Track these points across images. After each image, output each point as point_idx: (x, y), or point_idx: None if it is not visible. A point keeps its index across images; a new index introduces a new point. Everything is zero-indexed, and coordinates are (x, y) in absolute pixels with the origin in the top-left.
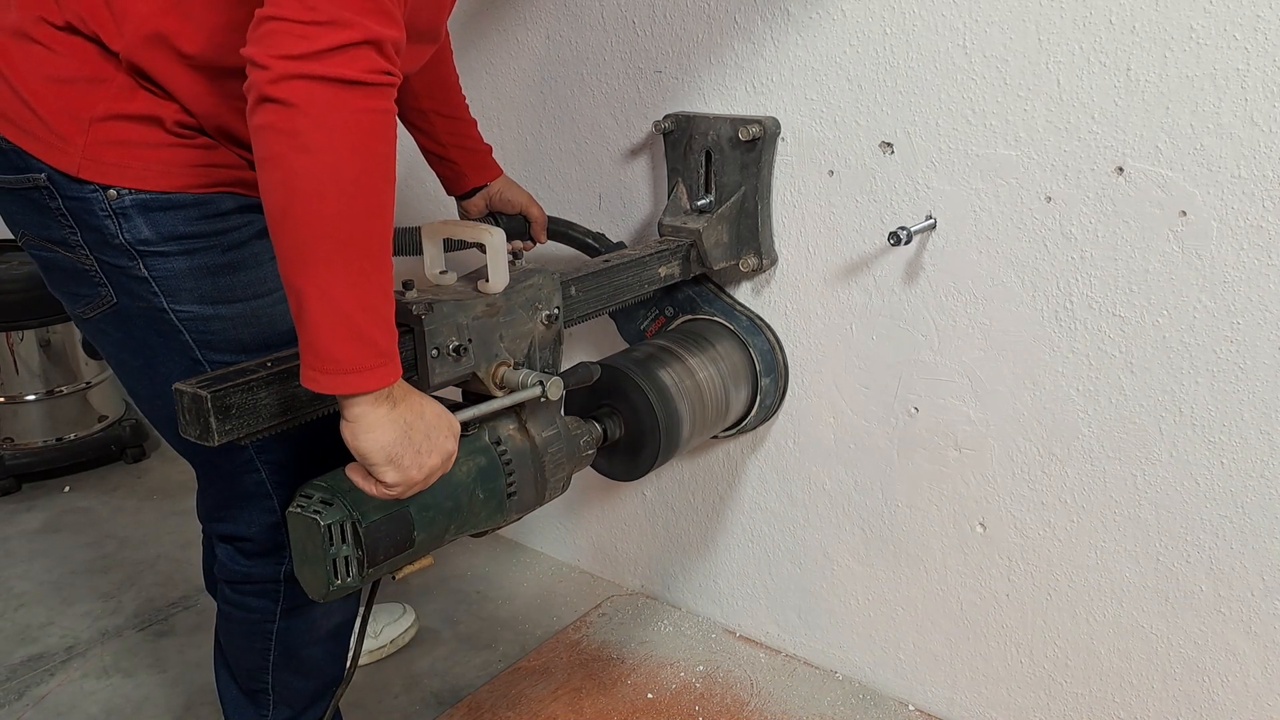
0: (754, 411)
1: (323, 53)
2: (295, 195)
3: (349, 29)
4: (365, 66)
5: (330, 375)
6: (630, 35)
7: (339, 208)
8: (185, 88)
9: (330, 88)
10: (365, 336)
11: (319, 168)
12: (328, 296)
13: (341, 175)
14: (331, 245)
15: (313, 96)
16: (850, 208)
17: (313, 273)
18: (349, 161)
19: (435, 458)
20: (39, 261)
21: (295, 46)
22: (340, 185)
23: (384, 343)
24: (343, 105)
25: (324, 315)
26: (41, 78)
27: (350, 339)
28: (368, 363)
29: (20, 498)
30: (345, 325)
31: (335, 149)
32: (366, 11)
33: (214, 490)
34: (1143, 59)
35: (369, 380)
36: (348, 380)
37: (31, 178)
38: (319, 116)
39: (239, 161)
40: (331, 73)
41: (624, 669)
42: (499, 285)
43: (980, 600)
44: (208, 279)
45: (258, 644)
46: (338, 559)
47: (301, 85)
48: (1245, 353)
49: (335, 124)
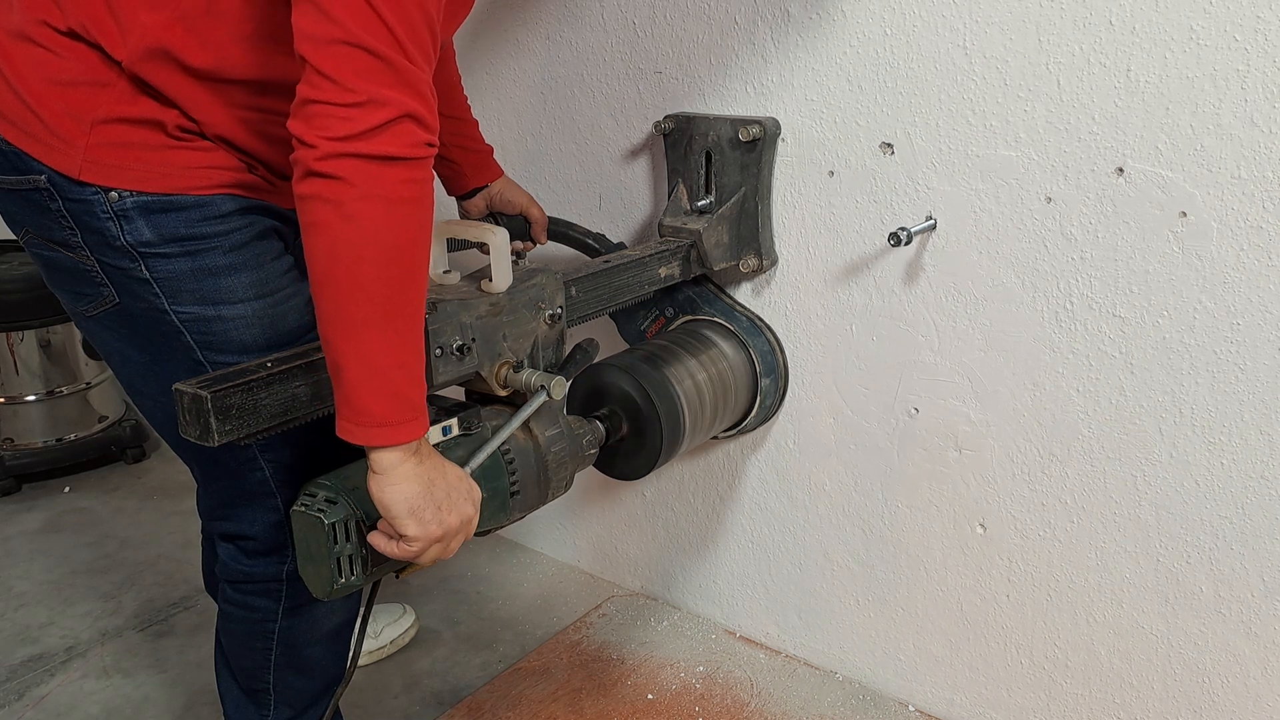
0: (754, 412)
1: (366, 133)
2: (339, 261)
3: (387, 107)
4: (407, 141)
5: (364, 428)
6: (630, 36)
7: (379, 273)
8: (188, 97)
9: (376, 164)
10: (399, 393)
11: (361, 236)
12: (365, 355)
13: (382, 243)
14: (371, 308)
15: (361, 172)
16: (850, 208)
17: (352, 333)
18: (389, 230)
19: (454, 518)
20: (40, 261)
21: (339, 129)
22: (381, 252)
23: (415, 398)
24: (385, 178)
25: (362, 373)
26: (43, 80)
27: (386, 395)
28: (400, 416)
29: (20, 498)
30: (381, 382)
31: (377, 219)
32: (401, 86)
33: (217, 488)
34: (1143, 60)
35: (400, 433)
36: (381, 433)
37: (32, 179)
38: (364, 189)
39: (239, 164)
40: (375, 151)
41: (624, 670)
42: (502, 285)
43: (980, 601)
44: (209, 280)
45: (259, 644)
46: (341, 557)
47: (348, 163)
48: (1245, 353)
49: (378, 195)
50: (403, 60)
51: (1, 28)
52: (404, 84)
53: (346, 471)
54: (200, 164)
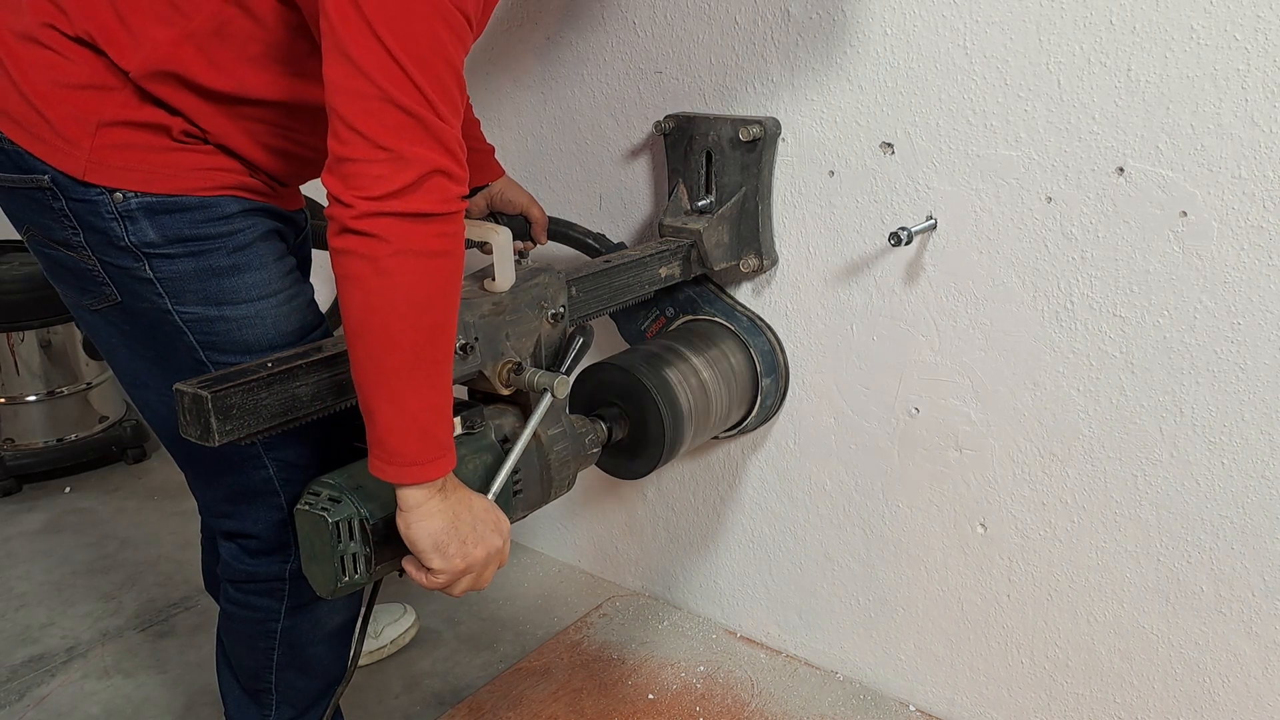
0: (755, 412)
1: (399, 191)
2: (374, 312)
3: (418, 164)
4: (439, 197)
5: (395, 466)
6: (630, 35)
7: (412, 324)
8: (195, 110)
9: (408, 221)
10: (429, 434)
11: (395, 290)
12: (398, 401)
13: (416, 296)
14: (403, 357)
15: (392, 229)
16: (851, 208)
17: (385, 381)
18: (423, 284)
19: (480, 550)
20: (43, 259)
21: (375, 188)
22: (414, 305)
23: (444, 436)
24: (419, 234)
25: (394, 417)
26: (50, 82)
27: (415, 436)
28: (428, 455)
29: (21, 498)
30: (412, 425)
31: (411, 273)
32: (431, 143)
33: (220, 485)
34: (1143, 59)
35: (429, 471)
36: (410, 471)
37: (35, 179)
38: (399, 245)
39: (242, 167)
40: (409, 209)
41: (625, 669)
42: (505, 284)
43: (981, 600)
44: (212, 281)
45: (261, 643)
46: (345, 555)
47: (383, 221)
48: (1246, 353)
49: (411, 250)
50: (432, 116)
51: (9, 29)
52: (434, 140)
53: (350, 470)
54: (204, 166)
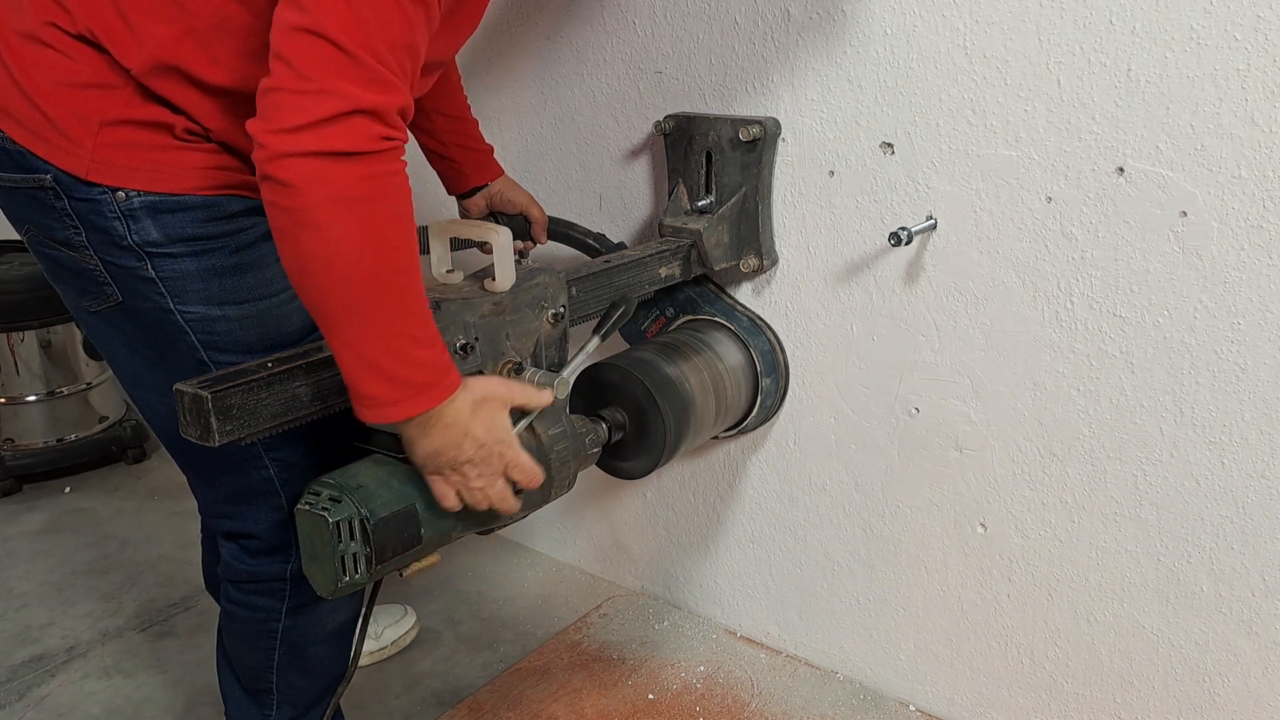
0: (755, 412)
1: (316, 124)
2: (307, 266)
3: (340, 99)
4: (361, 135)
5: (371, 409)
6: (630, 35)
7: (347, 274)
8: (197, 106)
9: (324, 162)
10: (394, 377)
11: (324, 242)
12: (352, 349)
13: (345, 247)
14: (344, 306)
15: (309, 174)
16: (851, 208)
17: (334, 330)
18: (354, 233)
19: (480, 480)
20: (43, 259)
21: (290, 119)
22: (347, 256)
23: (415, 376)
24: (339, 178)
25: (352, 365)
26: (51, 81)
27: (380, 381)
28: (399, 396)
29: (21, 498)
30: (373, 371)
31: (339, 223)
32: (363, 82)
33: (220, 486)
34: (1143, 59)
35: (404, 409)
36: (387, 412)
37: (37, 178)
38: (318, 194)
39: (243, 165)
40: (325, 146)
41: (625, 669)
42: (505, 284)
43: (981, 600)
44: (215, 280)
45: (262, 643)
46: (346, 555)
47: (297, 164)
48: (1246, 353)
49: (334, 197)
50: (368, 57)
51: (10, 28)
52: (366, 80)
53: (351, 470)
54: (207, 165)
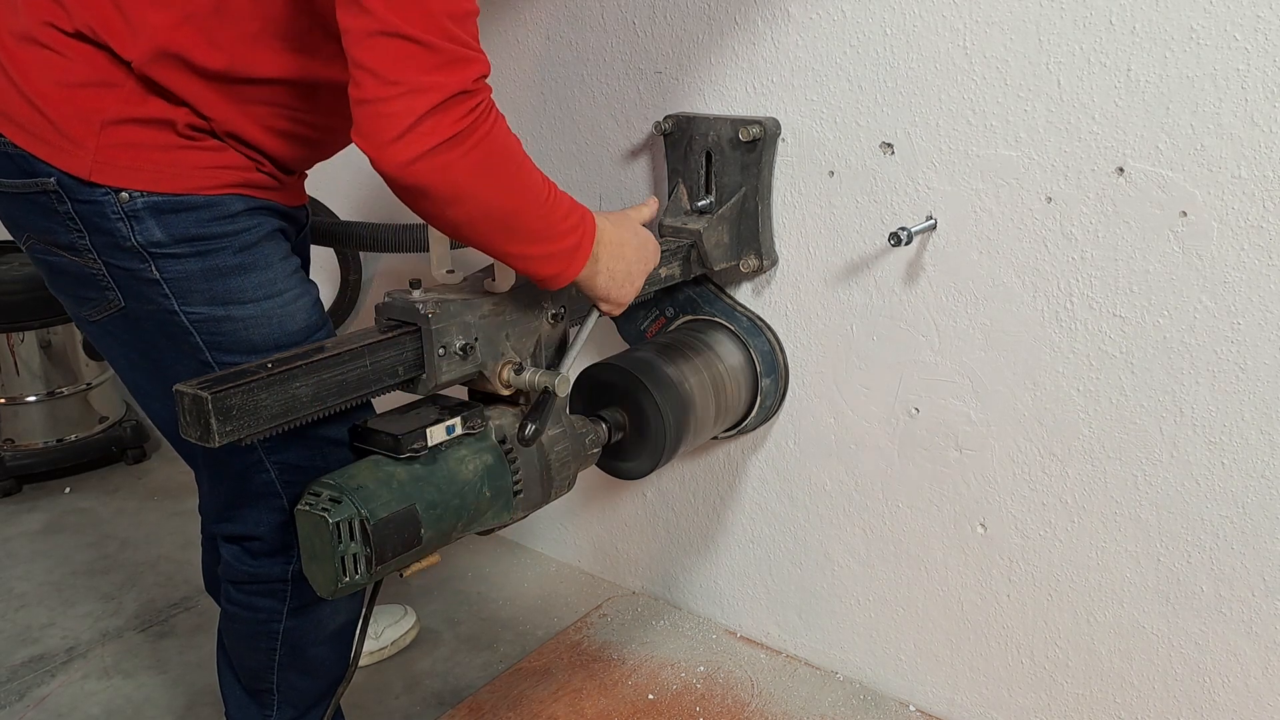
0: (754, 412)
1: (416, 125)
2: (461, 227)
3: (431, 93)
4: (457, 116)
5: (555, 282)
6: (630, 35)
7: (494, 217)
8: (197, 95)
9: (437, 155)
10: (556, 254)
11: (471, 206)
12: (522, 257)
13: (488, 201)
14: (504, 236)
15: (431, 172)
16: (851, 208)
17: (499, 251)
18: (489, 189)
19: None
20: (42, 265)
21: (391, 129)
22: (491, 206)
23: (568, 241)
24: (456, 163)
25: (528, 263)
26: (51, 82)
27: (550, 262)
28: (566, 262)
29: (21, 499)
30: (542, 261)
31: (475, 191)
32: (445, 67)
33: (222, 490)
34: (1143, 59)
35: (577, 264)
36: (568, 277)
37: (40, 182)
38: (447, 182)
39: (246, 163)
40: (433, 141)
41: (625, 670)
42: (505, 285)
43: (981, 600)
44: (219, 280)
45: (263, 644)
46: (346, 556)
47: (416, 170)
48: (1246, 353)
49: (460, 180)
50: (442, 41)
51: (7, 30)
52: (446, 64)
53: (352, 470)
54: (210, 164)
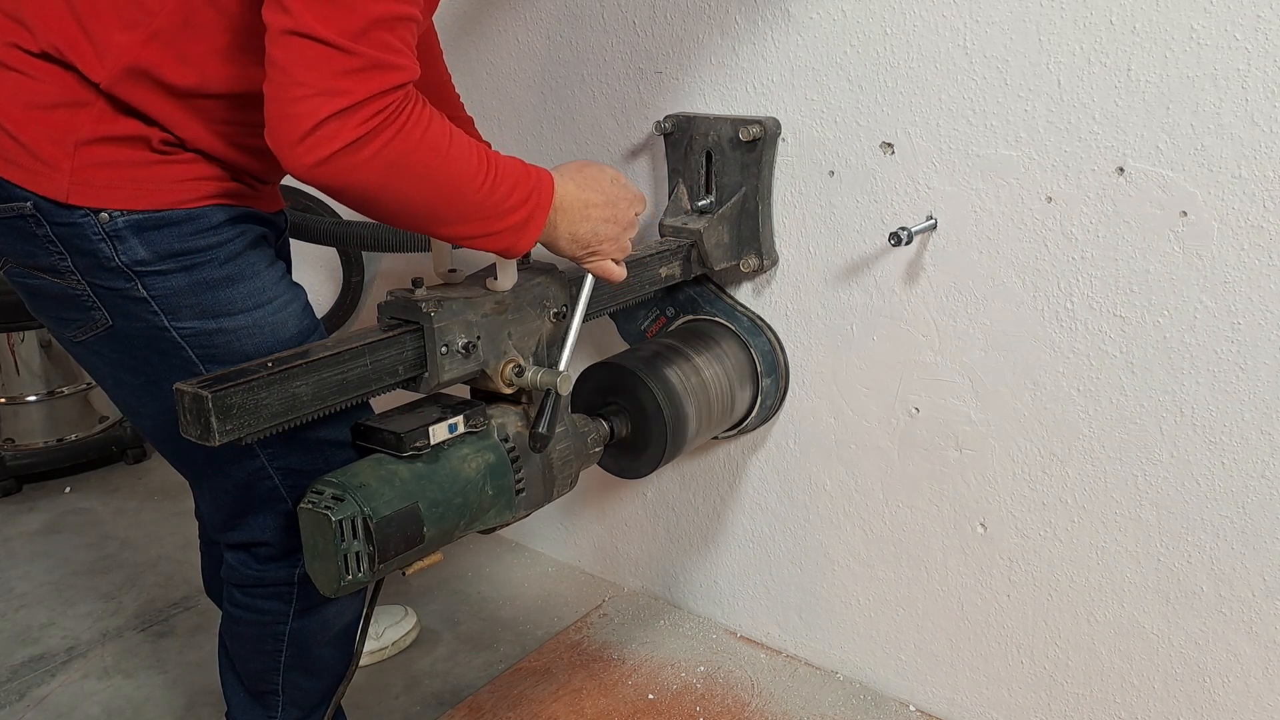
0: (755, 412)
1: (320, 126)
2: (392, 219)
3: (340, 96)
4: (365, 117)
5: (511, 253)
6: (630, 35)
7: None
8: (168, 114)
9: (345, 155)
10: (503, 230)
11: (386, 206)
12: (466, 238)
13: (408, 195)
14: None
15: (340, 173)
16: (851, 208)
17: (443, 234)
18: (407, 188)
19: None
20: (21, 289)
21: (295, 129)
22: (413, 198)
23: (518, 215)
24: (366, 163)
25: (475, 243)
26: (20, 105)
27: (499, 238)
28: (517, 236)
29: (21, 498)
30: (490, 238)
31: (390, 191)
32: (359, 73)
33: (226, 501)
34: (1143, 59)
35: (530, 236)
36: (523, 247)
37: (16, 206)
38: (358, 181)
39: (222, 173)
40: (339, 143)
41: (625, 670)
42: (507, 284)
43: (981, 600)
44: (208, 294)
45: (268, 646)
46: (349, 554)
47: (325, 171)
48: (1246, 353)
49: (371, 179)
50: (359, 44)
51: None
52: (361, 69)
53: (354, 469)
54: (186, 176)
